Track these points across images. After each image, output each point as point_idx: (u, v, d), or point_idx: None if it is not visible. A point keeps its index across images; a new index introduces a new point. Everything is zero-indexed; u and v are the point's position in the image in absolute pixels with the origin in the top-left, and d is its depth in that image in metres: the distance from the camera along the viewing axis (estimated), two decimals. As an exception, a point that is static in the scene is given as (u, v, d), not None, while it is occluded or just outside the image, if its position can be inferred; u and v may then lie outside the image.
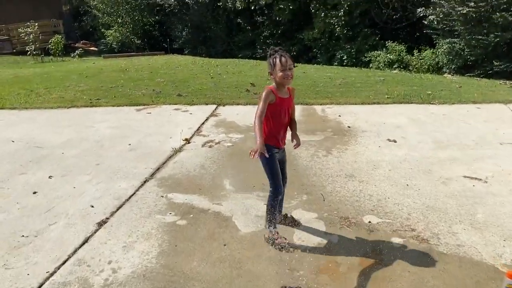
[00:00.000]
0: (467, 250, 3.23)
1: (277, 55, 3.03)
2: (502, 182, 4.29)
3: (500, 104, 7.11)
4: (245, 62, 15.23)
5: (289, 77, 3.04)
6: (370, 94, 8.10)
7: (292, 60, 3.07)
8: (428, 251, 3.22)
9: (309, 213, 3.82)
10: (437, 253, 3.21)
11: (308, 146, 5.45)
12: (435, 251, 3.23)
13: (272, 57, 3.06)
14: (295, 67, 3.20)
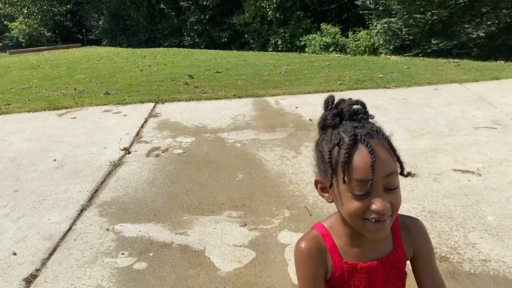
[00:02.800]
0: (496, 266, 2.71)
1: (351, 139, 1.06)
2: (496, 173, 3.89)
3: (456, 84, 6.88)
4: (175, 51, 14.12)
5: (384, 225, 1.10)
6: (321, 81, 7.56)
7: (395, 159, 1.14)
8: (453, 272, 2.66)
9: (298, 234, 3.12)
10: (464, 274, 2.66)
11: (272, 146, 4.74)
12: (461, 271, 2.68)
13: (332, 143, 1.11)
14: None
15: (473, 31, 10.17)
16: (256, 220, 3.33)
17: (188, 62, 10.78)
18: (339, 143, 1.06)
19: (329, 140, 1.10)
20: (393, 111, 5.79)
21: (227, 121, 5.67)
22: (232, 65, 9.65)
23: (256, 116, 5.88)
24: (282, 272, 2.73)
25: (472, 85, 6.82)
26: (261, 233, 3.16)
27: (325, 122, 1.14)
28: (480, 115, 5.41)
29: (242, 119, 5.72)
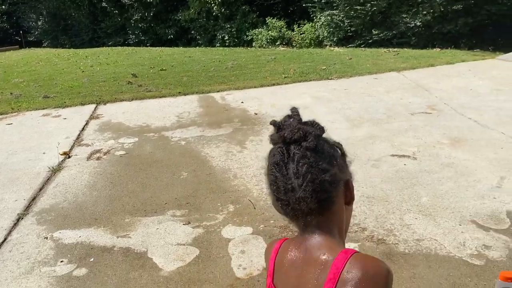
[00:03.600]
0: (428, 244, 2.85)
1: None
2: (430, 156, 4.08)
3: (394, 73, 7.14)
4: (118, 50, 13.75)
5: None
6: (267, 75, 7.61)
7: None
8: (389, 254, 2.78)
9: (242, 229, 3.14)
10: (399, 254, 2.77)
11: (218, 142, 4.73)
12: (396, 252, 2.80)
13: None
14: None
15: (411, 21, 10.60)
16: (200, 217, 3.32)
17: (132, 61, 10.53)
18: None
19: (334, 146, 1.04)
20: (335, 101, 5.92)
21: (171, 119, 5.60)
22: (177, 62, 9.53)
23: (201, 112, 5.84)
24: (225, 267, 2.74)
25: (409, 72, 7.11)
26: (205, 230, 3.15)
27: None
28: (416, 101, 5.65)
29: (187, 117, 5.67)
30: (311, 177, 0.91)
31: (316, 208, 0.93)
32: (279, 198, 0.95)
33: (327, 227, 0.96)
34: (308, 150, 0.93)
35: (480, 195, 3.36)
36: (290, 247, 0.99)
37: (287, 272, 0.96)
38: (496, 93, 5.68)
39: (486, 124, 4.70)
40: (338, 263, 0.88)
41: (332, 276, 0.87)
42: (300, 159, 0.92)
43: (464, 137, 4.43)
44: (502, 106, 5.16)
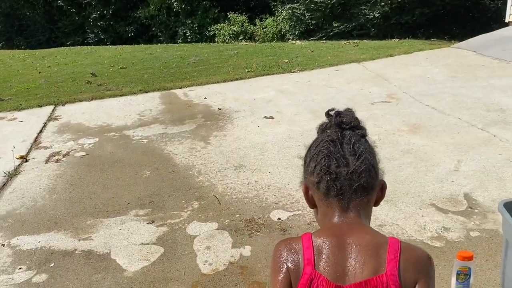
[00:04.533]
0: (390, 229, 2.92)
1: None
2: (390, 143, 4.17)
3: (354, 64, 7.25)
4: (77, 49, 13.35)
5: None
6: (230, 70, 7.57)
7: None
8: (353, 241, 2.82)
9: (207, 224, 3.12)
10: (363, 241, 2.82)
11: (181, 139, 4.66)
12: (360, 239, 2.84)
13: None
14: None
15: (370, 12, 10.78)
16: (164, 216, 3.27)
17: (91, 60, 10.24)
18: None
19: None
20: (298, 94, 5.96)
21: (133, 117, 5.49)
22: (138, 60, 9.35)
23: (163, 110, 5.75)
24: (191, 264, 2.71)
25: (369, 63, 7.24)
26: (169, 228, 3.11)
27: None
28: (376, 91, 5.76)
29: (149, 114, 5.57)
30: (366, 157, 1.01)
31: (362, 187, 0.99)
32: (328, 172, 0.99)
33: (365, 214, 1.03)
34: (362, 137, 1.06)
35: (439, 179, 3.46)
36: (328, 234, 0.99)
37: (333, 257, 0.95)
38: (452, 80, 5.87)
39: (443, 110, 4.84)
40: (394, 246, 0.96)
41: (393, 256, 0.94)
42: (356, 141, 1.02)
43: (423, 123, 4.55)
44: (457, 93, 5.33)
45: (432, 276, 0.99)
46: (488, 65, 6.37)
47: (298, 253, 0.98)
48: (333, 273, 0.94)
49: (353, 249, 0.95)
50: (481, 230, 2.81)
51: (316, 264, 0.95)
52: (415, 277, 0.95)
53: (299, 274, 0.96)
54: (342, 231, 0.97)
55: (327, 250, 0.96)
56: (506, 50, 6.76)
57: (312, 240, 0.98)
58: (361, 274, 0.93)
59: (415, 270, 0.95)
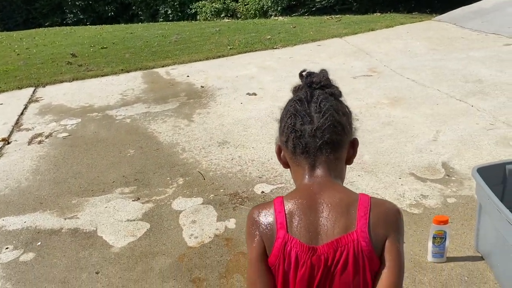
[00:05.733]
0: (371, 198, 3.00)
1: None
2: (371, 116, 4.23)
3: (337, 39, 7.25)
4: (56, 30, 13.04)
5: None
6: (212, 48, 7.51)
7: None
8: (335, 211, 2.90)
9: (193, 199, 3.16)
10: (344, 210, 2.90)
11: (164, 118, 4.66)
12: (341, 208, 2.92)
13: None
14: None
15: (352, -13, 10.75)
16: (149, 193, 3.31)
17: (70, 41, 10.03)
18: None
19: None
20: (280, 69, 5.97)
21: (115, 97, 5.45)
22: (118, 39, 9.19)
23: (146, 89, 5.71)
24: (177, 238, 2.77)
25: (351, 38, 7.25)
26: (155, 204, 3.15)
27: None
28: (358, 65, 5.79)
29: (131, 94, 5.53)
30: (331, 114, 1.00)
31: (327, 143, 0.99)
32: (294, 130, 1.00)
33: (335, 172, 1.03)
34: (331, 95, 1.05)
35: (418, 149, 3.55)
36: (299, 196, 1.00)
37: (305, 218, 0.97)
38: (432, 53, 5.93)
39: (423, 82, 4.91)
40: (364, 202, 0.97)
41: (363, 213, 0.95)
42: (323, 99, 1.02)
43: (403, 96, 4.61)
44: (437, 65, 5.39)
45: (402, 230, 1.01)
46: (468, 37, 6.44)
47: (270, 217, 0.99)
48: (306, 235, 0.95)
49: (324, 209, 0.96)
50: (457, 196, 2.91)
51: (289, 227, 0.96)
52: (385, 232, 0.96)
53: (273, 239, 0.97)
54: (313, 191, 0.98)
55: (298, 212, 0.97)
56: (485, 22, 6.83)
57: (283, 204, 0.99)
58: (333, 233, 0.94)
59: (385, 225, 0.96)
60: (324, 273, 0.94)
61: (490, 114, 3.98)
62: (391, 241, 0.96)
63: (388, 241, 0.95)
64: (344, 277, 0.93)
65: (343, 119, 1.04)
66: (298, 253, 0.95)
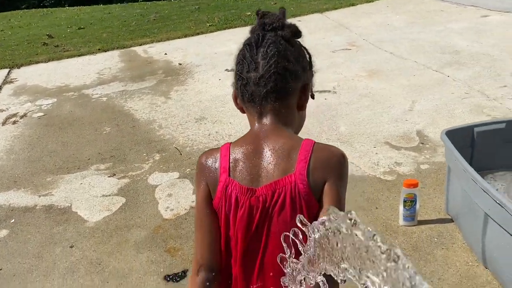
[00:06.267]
0: (346, 167, 3.02)
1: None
2: (348, 89, 4.23)
3: (317, 14, 7.20)
4: (32, 12, 12.70)
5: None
6: (191, 25, 7.40)
7: None
8: (310, 180, 2.91)
9: (169, 174, 3.16)
10: (319, 179, 2.92)
11: (141, 95, 4.61)
12: (316, 178, 2.94)
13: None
14: None
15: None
16: (125, 169, 3.28)
17: (47, 22, 9.79)
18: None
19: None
20: (260, 45, 5.90)
21: (92, 76, 5.36)
22: (96, 20, 9.01)
23: (123, 67, 5.63)
24: (152, 211, 2.76)
25: (331, 13, 7.19)
26: (131, 180, 3.13)
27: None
28: (337, 39, 5.76)
29: (108, 73, 5.45)
30: (276, 60, 0.95)
31: (272, 92, 0.96)
32: (240, 77, 0.98)
33: (283, 118, 0.99)
34: (281, 39, 0.98)
35: (394, 119, 3.57)
36: (243, 142, 1.00)
37: (248, 162, 0.97)
38: (411, 26, 5.92)
39: (401, 55, 4.92)
40: (306, 147, 0.95)
41: (303, 157, 0.93)
42: (271, 43, 0.96)
43: (381, 68, 4.62)
44: (415, 37, 5.40)
45: (343, 176, 0.98)
46: (447, 10, 6.44)
47: (216, 162, 1.00)
48: (247, 178, 0.96)
49: (266, 153, 0.96)
50: (430, 163, 2.95)
51: (231, 171, 0.97)
52: (324, 175, 0.94)
53: (216, 183, 0.98)
54: (259, 137, 0.98)
55: (242, 157, 0.98)
56: (464, -6, 6.83)
57: (229, 150, 1.00)
58: (272, 175, 0.94)
59: (324, 169, 0.94)
60: (262, 213, 0.95)
61: (465, 83, 4.01)
62: (330, 184, 0.94)
63: (327, 184, 0.93)
64: (282, 217, 0.94)
65: (292, 65, 0.98)
66: (238, 195, 0.96)
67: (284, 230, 0.92)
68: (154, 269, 2.30)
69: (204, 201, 1.00)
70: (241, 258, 0.98)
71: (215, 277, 1.00)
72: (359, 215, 1.82)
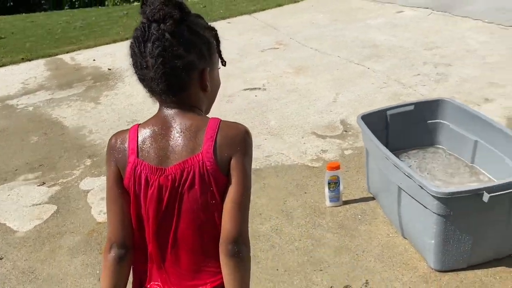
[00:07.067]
0: (276, 158, 3.16)
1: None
2: (277, 85, 4.39)
3: (246, 16, 7.34)
4: None
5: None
6: (120, 30, 7.28)
7: None
8: (243, 173, 3.01)
9: (101, 178, 3.12)
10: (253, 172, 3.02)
11: (69, 102, 4.50)
12: (249, 170, 3.04)
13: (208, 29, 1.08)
14: None
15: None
16: (55, 176, 3.21)
17: (-37, 33, 9.20)
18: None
19: (206, 28, 1.06)
20: (191, 48, 5.94)
21: (16, 87, 5.14)
22: (18, 29, 8.59)
23: (49, 76, 5.44)
24: (85, 215, 2.73)
25: (260, 14, 7.37)
26: (61, 187, 3.07)
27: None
28: (266, 39, 5.93)
29: (33, 82, 5.24)
30: (163, 61, 0.94)
31: (166, 90, 0.98)
32: (136, 72, 1.00)
33: (188, 102, 1.02)
34: (165, 33, 0.94)
35: (320, 111, 3.76)
36: (151, 124, 1.02)
37: (158, 143, 1.00)
38: (334, 23, 6.22)
39: (325, 51, 5.16)
40: (212, 125, 0.99)
41: (210, 136, 0.98)
42: (156, 41, 0.94)
43: (307, 65, 4.83)
44: (338, 34, 5.68)
45: (248, 151, 1.03)
46: (366, 7, 6.82)
47: (124, 144, 1.03)
48: (156, 158, 1.00)
49: (174, 134, 1.00)
50: (353, 148, 3.15)
51: (140, 152, 1.01)
52: (230, 152, 0.99)
53: (125, 163, 1.02)
54: (167, 118, 1.02)
55: (150, 138, 1.01)
56: (382, -7, 7.28)
57: (138, 131, 1.03)
58: (181, 155, 0.99)
59: (230, 146, 0.99)
60: (172, 192, 1.00)
61: (384, 74, 4.31)
62: (236, 160, 0.99)
63: (233, 160, 0.99)
64: (191, 194, 0.99)
65: (181, 60, 0.97)
66: (147, 174, 1.00)
67: (195, 207, 1.00)
68: (90, 271, 2.29)
69: (114, 182, 1.04)
70: (154, 235, 1.03)
71: (127, 254, 1.05)
72: (290, 200, 2.00)
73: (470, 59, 4.35)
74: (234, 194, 0.99)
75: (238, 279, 0.98)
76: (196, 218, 1.01)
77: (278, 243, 2.37)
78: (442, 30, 5.26)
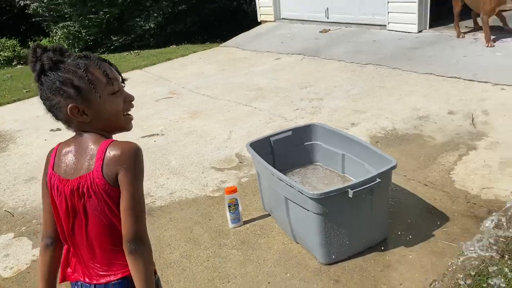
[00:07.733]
0: (180, 194, 3.39)
1: (94, 59, 1.28)
2: (174, 130, 4.68)
3: (138, 70, 7.59)
4: None
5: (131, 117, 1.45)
6: (5, 93, 7.05)
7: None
8: (148, 211, 3.19)
9: (2, 236, 3.10)
10: (157, 208, 3.23)
11: (-44, 168, 4.28)
12: (154, 207, 3.24)
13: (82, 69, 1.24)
14: None
15: (145, 24, 11.28)
16: (-51, 241, 3.07)
17: None
18: (87, 66, 1.23)
19: (73, 71, 1.21)
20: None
21: None
22: None
23: None
24: (-11, 273, 2.67)
25: (151, 68, 7.70)
26: (-42, 250, 2.95)
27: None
28: (159, 90, 6.24)
29: None
30: (42, 101, 1.24)
31: (60, 121, 1.26)
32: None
33: (88, 128, 1.27)
34: (37, 82, 1.21)
35: (216, 148, 4.11)
36: (66, 144, 1.29)
37: (66, 160, 1.27)
38: (222, 72, 6.76)
39: (216, 96, 5.61)
40: (102, 147, 1.22)
41: (99, 156, 1.20)
42: (40, 90, 1.22)
43: (201, 109, 5.20)
44: (226, 81, 6.20)
45: (133, 167, 1.20)
46: (249, 56, 7.52)
47: (49, 157, 1.33)
48: (64, 172, 1.27)
49: (78, 153, 1.26)
50: (248, 176, 3.52)
51: (55, 166, 1.29)
52: (115, 169, 1.19)
53: (47, 173, 1.31)
54: (75, 140, 1.29)
55: (63, 154, 1.29)
56: (261, 43, 8.07)
57: (57, 148, 1.32)
58: (80, 172, 1.24)
59: (115, 163, 1.19)
60: (76, 199, 1.25)
61: (268, 111, 4.83)
62: (122, 175, 1.19)
63: (120, 175, 1.19)
64: (91, 203, 1.24)
65: (48, 103, 1.23)
66: (58, 184, 1.27)
67: (96, 213, 1.26)
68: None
69: (44, 186, 1.33)
70: (70, 232, 1.31)
71: (53, 243, 1.35)
72: (196, 228, 2.34)
73: (337, 92, 5.09)
74: (124, 202, 1.22)
75: (140, 271, 1.22)
76: (100, 221, 1.26)
77: (188, 266, 2.58)
78: (313, 72, 6.04)
